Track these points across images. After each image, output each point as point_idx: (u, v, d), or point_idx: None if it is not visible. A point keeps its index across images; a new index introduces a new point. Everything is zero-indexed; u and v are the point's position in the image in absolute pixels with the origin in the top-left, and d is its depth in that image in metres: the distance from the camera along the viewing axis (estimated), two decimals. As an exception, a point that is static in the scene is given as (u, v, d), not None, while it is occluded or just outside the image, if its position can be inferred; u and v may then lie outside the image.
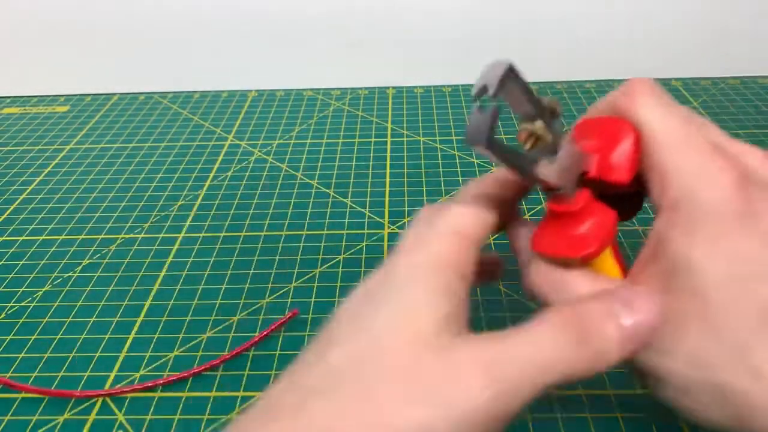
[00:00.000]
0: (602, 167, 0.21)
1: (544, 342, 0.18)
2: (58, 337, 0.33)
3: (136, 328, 0.34)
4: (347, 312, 0.20)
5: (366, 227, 0.40)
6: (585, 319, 0.19)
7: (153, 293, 0.36)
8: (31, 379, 0.31)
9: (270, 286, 0.36)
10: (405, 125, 0.53)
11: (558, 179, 0.20)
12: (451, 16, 0.57)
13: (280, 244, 0.39)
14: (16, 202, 0.45)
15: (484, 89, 0.18)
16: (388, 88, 0.59)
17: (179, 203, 0.44)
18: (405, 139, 0.51)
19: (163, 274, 0.37)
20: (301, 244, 0.39)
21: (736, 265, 0.18)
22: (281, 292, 0.36)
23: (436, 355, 0.18)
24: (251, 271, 0.37)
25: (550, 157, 0.20)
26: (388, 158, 0.48)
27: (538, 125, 0.19)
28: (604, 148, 0.21)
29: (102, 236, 0.41)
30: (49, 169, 0.49)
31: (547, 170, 0.20)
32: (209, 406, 0.29)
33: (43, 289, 0.37)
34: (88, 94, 0.61)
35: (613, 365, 0.19)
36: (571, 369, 0.18)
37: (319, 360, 0.19)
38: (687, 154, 0.20)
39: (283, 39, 0.59)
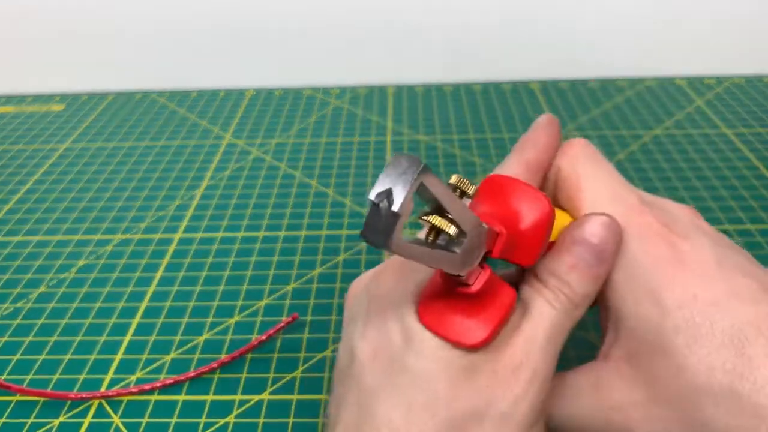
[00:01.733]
0: (508, 248, 0.19)
1: (546, 317, 0.20)
2: (53, 338, 0.33)
3: (132, 330, 0.33)
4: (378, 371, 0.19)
5: (365, 227, 0.40)
6: (571, 286, 0.20)
7: (149, 294, 0.36)
8: (27, 381, 0.31)
9: (268, 287, 0.36)
10: (405, 124, 0.52)
11: (461, 269, 0.18)
12: (452, 13, 0.57)
13: (279, 245, 0.39)
14: (11, 202, 0.45)
15: (388, 194, 0.15)
16: (388, 86, 0.59)
17: (176, 203, 0.44)
18: (405, 138, 0.50)
19: (159, 275, 0.37)
20: (300, 245, 0.39)
21: (684, 311, 0.19)
22: (279, 293, 0.35)
23: (469, 381, 0.19)
24: (249, 272, 0.37)
25: (456, 243, 0.18)
26: (389, 157, 0.48)
27: (438, 218, 0.17)
28: (513, 222, 0.19)
29: (98, 237, 0.41)
30: (44, 168, 0.49)
31: (451, 262, 0.17)
32: (206, 409, 0.29)
33: (39, 290, 0.36)
34: (84, 93, 0.61)
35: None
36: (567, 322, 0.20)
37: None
38: (614, 210, 0.21)
39: (282, 36, 0.59)
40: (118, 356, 0.32)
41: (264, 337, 0.31)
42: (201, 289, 0.36)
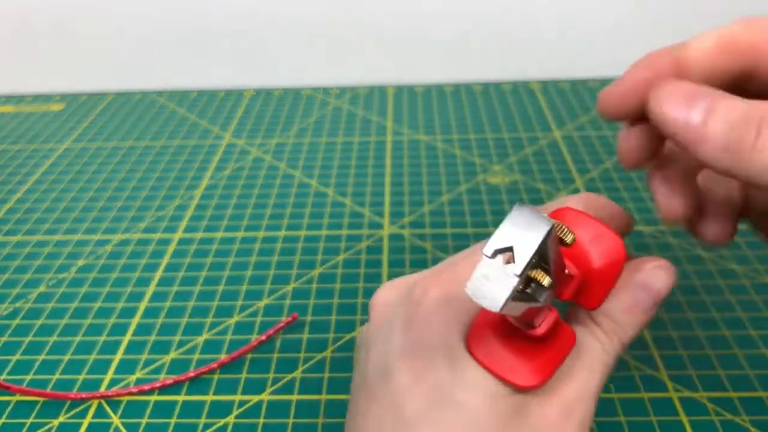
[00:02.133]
0: (577, 292, 0.19)
1: (600, 361, 0.19)
2: (53, 338, 0.33)
3: (132, 330, 0.33)
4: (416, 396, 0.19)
5: (365, 227, 0.40)
6: (625, 329, 0.20)
7: (149, 295, 0.36)
8: (26, 381, 0.31)
9: (268, 287, 0.36)
10: (405, 124, 0.52)
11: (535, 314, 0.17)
12: (453, 13, 0.57)
13: (278, 245, 0.39)
14: (11, 202, 0.45)
15: (506, 252, 0.14)
16: (388, 86, 0.59)
17: (176, 203, 0.43)
18: (405, 138, 0.50)
19: (159, 275, 0.37)
20: (300, 245, 0.39)
21: None
22: (279, 293, 0.35)
23: (518, 421, 0.18)
24: (249, 272, 0.37)
25: (542, 292, 0.17)
26: (388, 157, 0.47)
27: (537, 270, 0.16)
28: (584, 263, 0.18)
29: (98, 236, 0.41)
30: (44, 168, 0.49)
31: (530, 309, 0.16)
32: (206, 409, 0.29)
33: (38, 290, 0.36)
34: (84, 93, 0.61)
35: None
36: (614, 364, 0.20)
37: None
38: None
39: (282, 36, 0.59)
40: (118, 356, 0.32)
41: (264, 338, 0.31)
42: (201, 289, 0.36)
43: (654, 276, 0.20)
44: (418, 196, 0.43)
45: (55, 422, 0.29)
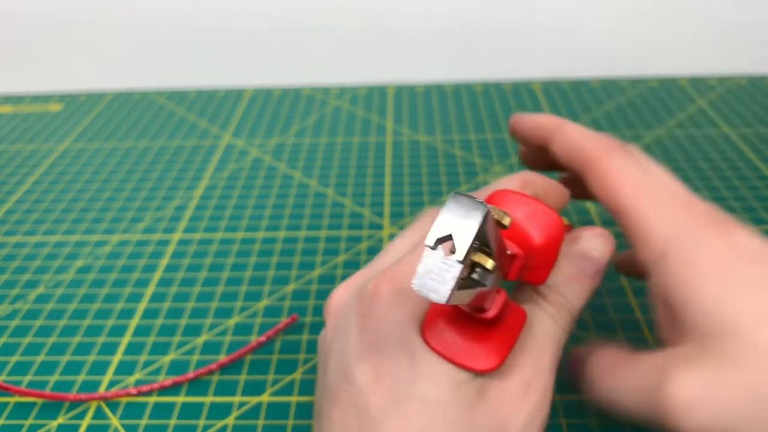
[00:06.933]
0: (522, 270, 0.19)
1: (552, 334, 0.20)
2: (52, 339, 0.33)
3: (131, 331, 0.33)
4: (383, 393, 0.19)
5: (365, 228, 0.40)
6: (571, 299, 0.20)
7: (148, 296, 0.35)
8: (25, 382, 0.31)
9: (267, 288, 0.35)
10: (405, 124, 0.52)
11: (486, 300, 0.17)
12: (453, 13, 0.57)
13: (278, 246, 0.39)
14: (9, 203, 0.44)
15: (448, 240, 0.14)
16: (388, 86, 0.59)
17: (175, 204, 0.43)
18: (405, 138, 0.50)
19: (158, 276, 0.37)
20: (299, 246, 0.39)
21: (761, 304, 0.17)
22: (279, 294, 0.35)
23: (480, 403, 0.18)
24: (248, 273, 0.37)
25: (487, 275, 0.17)
26: (388, 157, 0.47)
27: (480, 254, 0.16)
28: (526, 241, 0.19)
29: (96, 237, 0.40)
30: (42, 169, 0.48)
31: (479, 294, 0.17)
32: (205, 411, 0.29)
33: (37, 291, 0.36)
34: (82, 93, 0.61)
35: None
36: (566, 336, 0.21)
37: None
38: (664, 208, 0.19)
39: (281, 36, 0.58)
40: (117, 357, 0.32)
41: (263, 339, 0.31)
42: (200, 290, 0.36)
43: (592, 244, 0.20)
44: (419, 196, 0.43)
45: (54, 423, 0.28)
